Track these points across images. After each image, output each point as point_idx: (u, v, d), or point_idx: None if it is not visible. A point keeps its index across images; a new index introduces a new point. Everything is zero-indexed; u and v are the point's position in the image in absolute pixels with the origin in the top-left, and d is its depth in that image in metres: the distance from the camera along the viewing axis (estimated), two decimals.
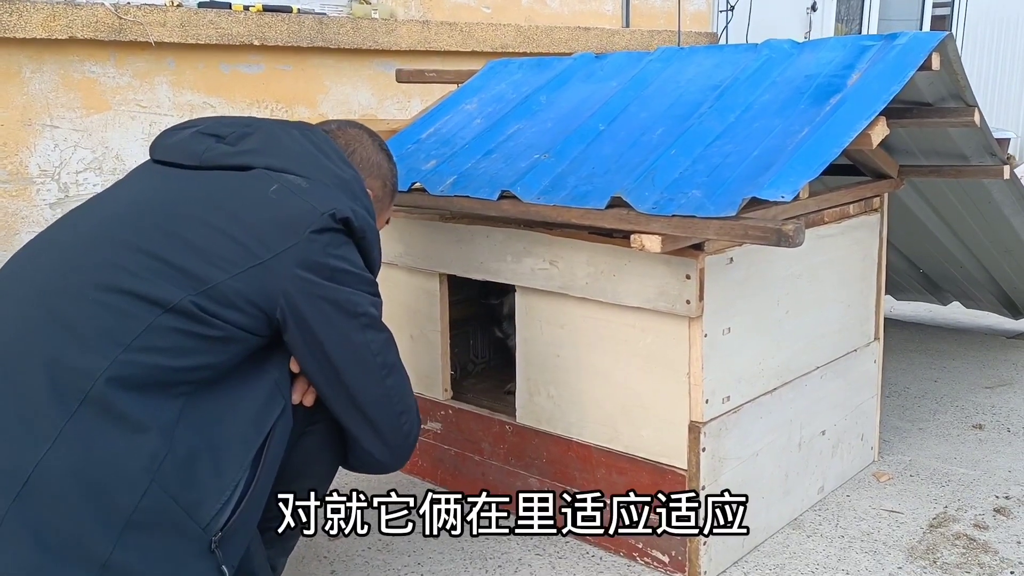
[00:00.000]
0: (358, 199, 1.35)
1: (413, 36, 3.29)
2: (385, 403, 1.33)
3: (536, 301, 1.82)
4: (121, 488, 1.08)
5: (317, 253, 1.23)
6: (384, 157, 1.55)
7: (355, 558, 1.77)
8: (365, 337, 1.29)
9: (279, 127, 1.37)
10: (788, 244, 1.31)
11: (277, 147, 1.33)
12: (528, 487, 1.89)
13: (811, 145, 1.51)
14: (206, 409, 1.17)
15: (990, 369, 2.91)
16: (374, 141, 1.55)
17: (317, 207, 1.25)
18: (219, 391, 1.20)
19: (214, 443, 1.17)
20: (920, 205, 2.61)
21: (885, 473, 2.13)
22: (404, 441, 1.38)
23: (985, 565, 1.73)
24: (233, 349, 1.20)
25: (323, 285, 1.24)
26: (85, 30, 2.57)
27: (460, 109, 2.20)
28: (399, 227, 2.02)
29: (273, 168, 1.29)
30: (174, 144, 1.35)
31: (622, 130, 1.82)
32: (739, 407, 1.70)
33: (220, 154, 1.31)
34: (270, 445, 1.24)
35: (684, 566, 1.67)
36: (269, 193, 1.26)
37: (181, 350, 1.14)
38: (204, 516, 1.14)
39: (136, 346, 1.11)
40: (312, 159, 1.34)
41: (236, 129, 1.34)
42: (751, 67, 1.84)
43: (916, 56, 1.63)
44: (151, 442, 1.10)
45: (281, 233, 1.22)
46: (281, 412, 1.26)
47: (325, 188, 1.30)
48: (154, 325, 1.13)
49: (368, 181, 1.48)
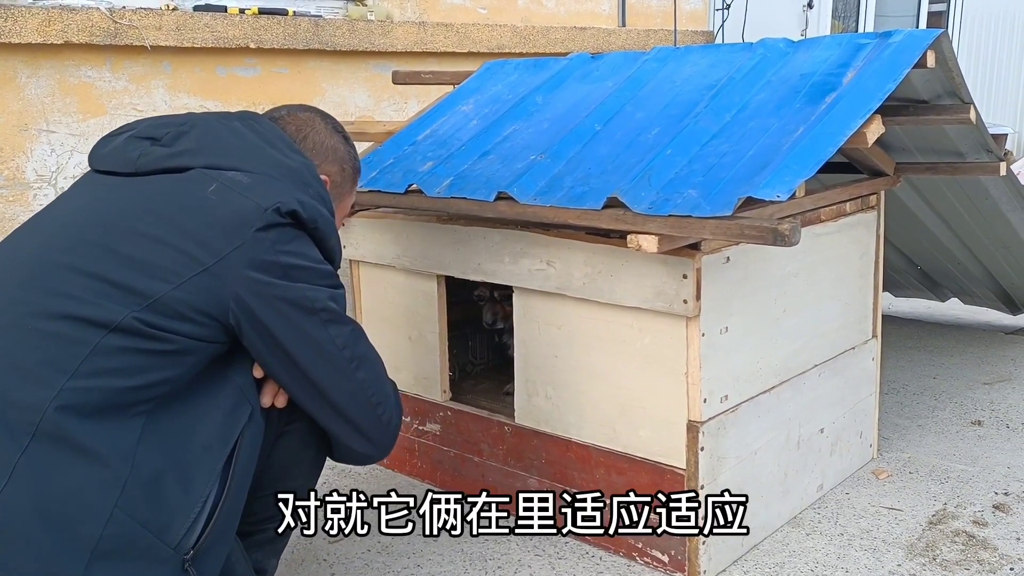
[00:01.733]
0: (309, 186, 1.29)
1: (409, 37, 3.29)
2: (359, 397, 1.29)
3: (534, 302, 1.82)
4: (84, 519, 1.05)
5: (266, 252, 1.18)
6: (339, 140, 1.48)
7: (354, 560, 1.77)
8: (328, 333, 1.24)
9: (218, 121, 1.31)
10: (784, 243, 1.31)
11: (215, 143, 1.27)
12: (527, 488, 1.89)
13: (807, 144, 1.51)
14: (168, 426, 1.14)
15: (988, 365, 2.92)
16: (327, 124, 1.48)
17: (260, 203, 1.20)
18: (180, 405, 1.16)
19: (178, 460, 1.14)
20: (917, 202, 2.61)
21: (884, 470, 2.13)
22: (384, 431, 1.34)
23: (984, 562, 1.73)
24: (189, 361, 1.17)
25: (276, 284, 1.19)
26: (80, 34, 2.57)
27: (456, 110, 2.20)
28: (396, 229, 2.02)
29: (212, 166, 1.24)
30: (110, 152, 1.29)
31: (618, 130, 1.82)
32: (737, 406, 1.71)
33: (156, 158, 1.25)
34: (239, 454, 1.21)
35: (684, 565, 1.68)
36: (208, 194, 1.20)
37: (133, 369, 1.11)
38: (174, 536, 1.11)
39: (84, 371, 1.08)
40: (254, 151, 1.28)
41: (171, 129, 1.28)
42: (746, 66, 1.85)
43: (911, 54, 1.63)
44: (111, 468, 1.07)
45: (224, 235, 1.17)
46: (249, 418, 1.23)
47: (269, 181, 1.24)
48: (100, 347, 1.09)
49: (323, 167, 1.43)
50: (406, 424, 2.11)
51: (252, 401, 1.25)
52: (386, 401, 1.33)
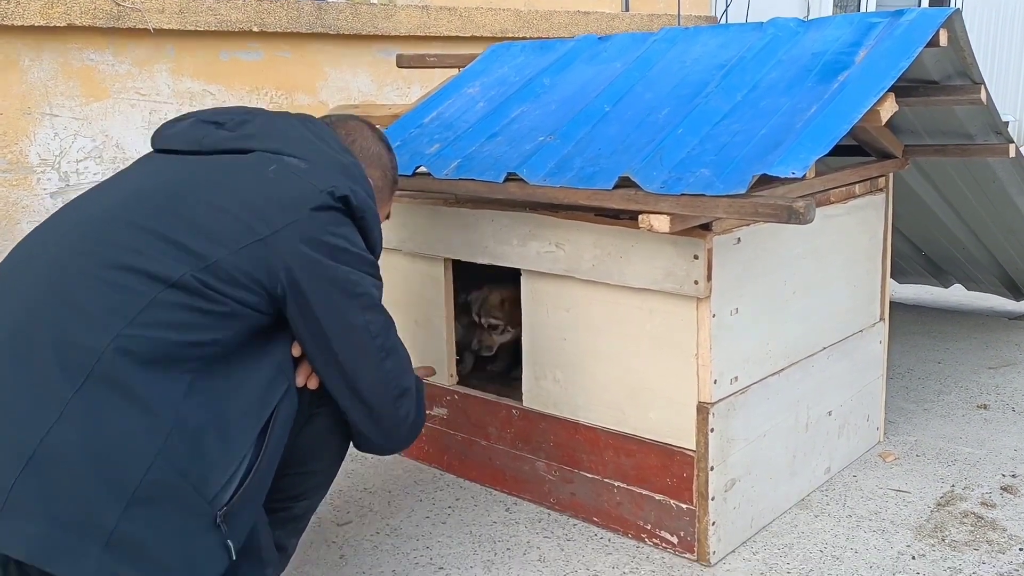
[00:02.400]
0: (358, 182, 1.36)
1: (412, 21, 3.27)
2: (382, 387, 1.33)
3: (542, 284, 1.81)
4: (127, 462, 1.09)
5: (317, 231, 1.24)
6: (383, 148, 1.56)
7: (363, 543, 1.77)
8: (365, 318, 1.29)
9: (278, 115, 1.39)
10: (799, 221, 1.31)
11: (276, 132, 1.34)
12: (536, 471, 1.89)
13: (820, 122, 1.50)
14: (213, 386, 1.18)
15: (993, 350, 2.92)
16: (373, 133, 1.56)
17: (316, 185, 1.27)
18: (224, 369, 1.21)
19: (221, 419, 1.18)
20: (924, 186, 2.60)
21: (891, 453, 2.13)
22: (401, 424, 1.37)
23: (994, 542, 1.73)
24: (236, 326, 1.21)
25: (323, 263, 1.25)
26: (83, 17, 2.55)
27: (462, 93, 2.19)
28: (403, 212, 2.01)
29: (272, 151, 1.31)
30: (174, 133, 1.37)
31: (628, 111, 1.81)
32: (747, 388, 1.70)
33: (219, 139, 1.32)
34: (274, 424, 1.25)
35: (693, 547, 1.68)
36: (268, 172, 1.27)
37: (185, 325, 1.16)
38: (210, 490, 1.15)
39: (140, 321, 1.13)
40: (311, 144, 1.35)
41: (235, 116, 1.36)
42: (757, 46, 1.83)
43: (924, 32, 1.62)
44: (158, 417, 1.11)
45: (281, 210, 1.23)
46: (285, 393, 1.27)
47: (324, 169, 1.31)
48: (157, 300, 1.14)
49: (368, 171, 1.48)
50: None
51: (289, 378, 1.29)
52: (407, 395, 1.36)
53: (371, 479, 2.05)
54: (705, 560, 1.67)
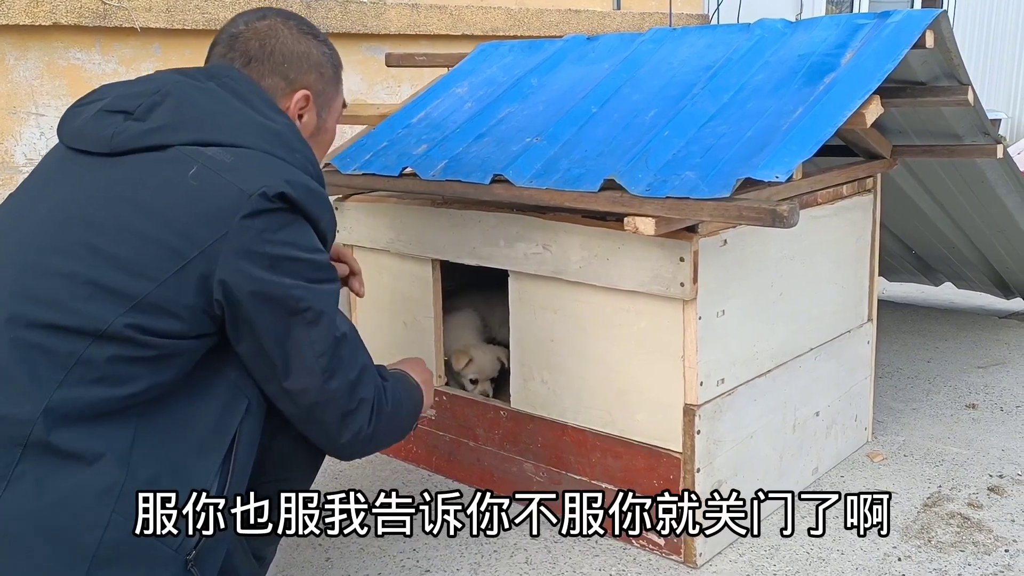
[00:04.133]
0: (295, 152, 1.22)
1: (402, 20, 3.26)
2: (326, 406, 1.22)
3: (529, 286, 1.81)
4: (81, 527, 1.04)
5: (252, 241, 1.12)
6: (310, 42, 1.35)
7: (350, 545, 1.76)
8: (309, 337, 1.18)
9: (191, 86, 1.22)
10: (783, 224, 1.30)
11: (192, 113, 1.19)
12: (524, 472, 1.89)
13: (805, 125, 1.50)
14: (162, 426, 1.12)
15: (982, 349, 2.92)
16: (291, 27, 1.34)
17: (245, 188, 1.12)
18: (174, 404, 1.14)
19: (175, 461, 1.12)
20: (913, 186, 2.60)
21: (879, 453, 2.13)
22: (352, 440, 1.27)
23: (980, 543, 1.73)
24: (178, 363, 1.13)
25: (262, 278, 1.13)
26: (69, 16, 2.53)
27: (451, 93, 2.18)
28: (390, 212, 2.00)
29: (192, 142, 1.16)
30: (80, 128, 1.21)
31: (615, 112, 1.80)
32: (733, 389, 1.70)
33: (131, 135, 1.17)
34: (238, 449, 1.18)
35: (680, 548, 1.68)
36: (189, 178, 1.13)
37: (119, 378, 1.08)
38: (175, 539, 1.10)
39: (70, 382, 1.06)
40: (236, 117, 1.20)
41: (144, 99, 1.19)
42: (744, 47, 1.83)
43: (910, 34, 1.62)
44: (106, 473, 1.06)
45: (208, 224, 1.11)
46: (246, 411, 1.20)
47: (253, 158, 1.17)
48: (84, 358, 1.07)
49: (300, 79, 1.33)
50: None
51: (248, 394, 1.21)
52: (359, 411, 1.25)
53: (358, 481, 2.04)
54: (692, 562, 1.67)
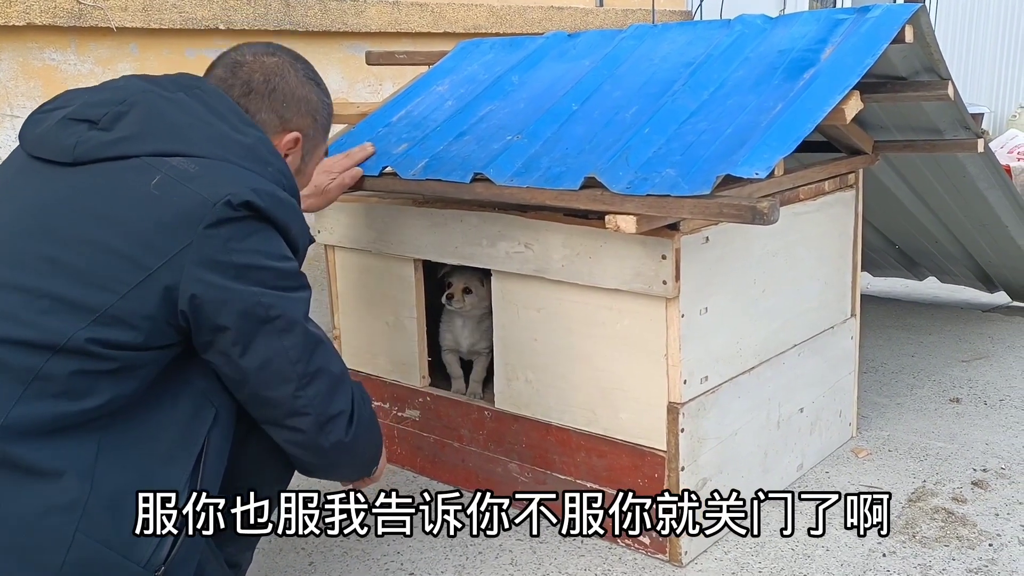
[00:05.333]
0: (267, 164, 1.20)
1: (383, 17, 3.23)
2: (303, 414, 1.20)
3: (512, 285, 1.80)
4: (44, 546, 1.02)
5: (217, 250, 1.10)
6: (311, 88, 1.37)
7: (333, 549, 1.75)
8: (282, 344, 1.16)
9: (161, 96, 1.19)
10: (763, 222, 1.30)
11: (158, 124, 1.16)
12: (508, 473, 1.87)
13: (785, 121, 1.49)
14: (127, 439, 1.09)
15: (966, 343, 2.93)
16: (297, 70, 1.35)
17: (208, 197, 1.10)
18: (140, 415, 1.11)
19: (141, 473, 1.09)
20: (895, 181, 2.60)
21: (864, 449, 2.14)
22: (330, 448, 1.24)
23: (964, 538, 1.73)
24: (141, 374, 1.11)
25: (228, 288, 1.11)
26: (43, 16, 2.50)
27: (431, 91, 2.16)
28: (372, 212, 1.99)
29: (156, 153, 1.13)
30: (42, 135, 1.18)
31: (595, 109, 1.79)
32: (717, 387, 1.69)
33: (94, 146, 1.14)
34: (206, 460, 1.15)
35: (665, 547, 1.67)
36: (151, 188, 1.10)
37: (80, 391, 1.05)
38: (142, 554, 1.07)
39: (29, 397, 1.04)
40: (203, 129, 1.17)
41: (109, 108, 1.16)
42: (724, 43, 1.82)
43: (889, 29, 1.61)
44: (68, 490, 1.03)
45: (171, 234, 1.08)
46: (214, 420, 1.17)
47: (218, 168, 1.14)
48: (43, 373, 1.04)
49: (295, 120, 1.33)
50: (384, 410, 2.09)
51: (216, 403, 1.18)
52: (338, 419, 1.24)
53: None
54: (677, 560, 1.66)
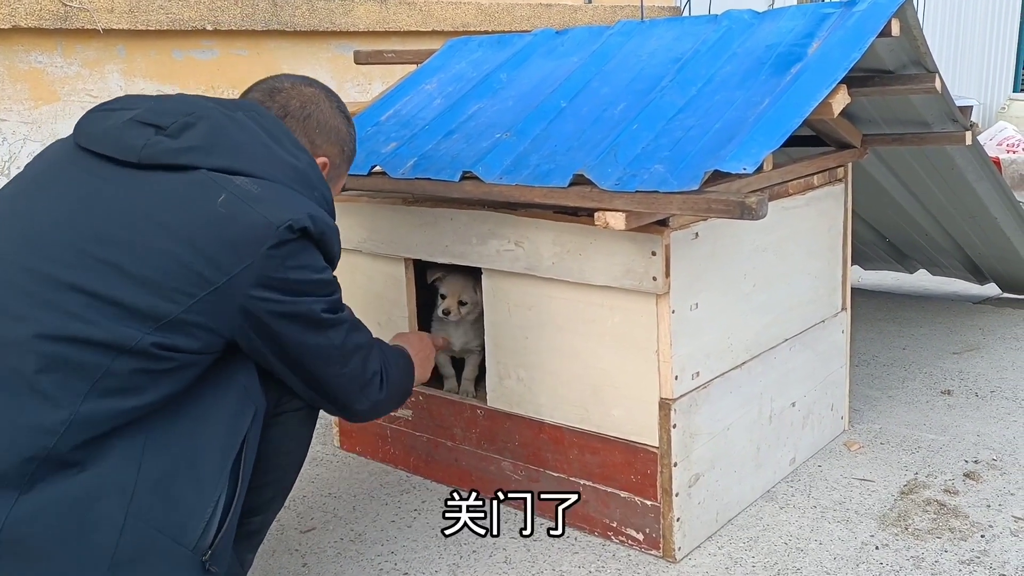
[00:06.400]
0: (315, 188, 1.30)
1: (371, 16, 3.22)
2: (347, 384, 1.35)
3: (503, 283, 1.79)
4: (97, 530, 1.06)
5: (275, 269, 1.19)
6: (342, 120, 1.47)
7: (327, 550, 1.74)
8: (327, 337, 1.29)
9: (224, 115, 1.26)
10: (751, 217, 1.30)
11: (224, 141, 1.22)
12: (502, 471, 1.87)
13: (772, 116, 1.50)
14: (174, 429, 1.16)
15: (957, 335, 2.94)
16: (331, 103, 1.46)
17: (272, 220, 1.18)
18: (187, 407, 1.18)
19: (189, 460, 1.15)
20: (884, 174, 2.61)
21: (856, 442, 2.14)
22: (371, 407, 1.41)
23: (956, 530, 1.74)
24: (191, 373, 1.18)
25: (283, 301, 1.21)
26: (29, 19, 2.49)
27: (420, 89, 2.16)
28: (362, 212, 1.98)
29: (221, 169, 1.20)
30: (106, 132, 1.21)
31: (584, 106, 1.79)
32: (709, 382, 1.70)
33: (161, 151, 1.18)
34: (245, 454, 1.23)
35: (658, 543, 1.67)
36: (218, 205, 1.16)
37: (138, 389, 1.12)
38: (191, 537, 1.13)
39: (95, 394, 1.09)
40: (262, 150, 1.25)
41: (177, 118, 1.22)
42: (711, 39, 1.82)
43: (876, 22, 1.61)
44: (119, 477, 1.08)
45: (235, 253, 1.16)
46: (252, 418, 1.25)
47: (279, 192, 1.22)
48: (111, 370, 1.10)
49: (325, 148, 1.42)
50: None
51: (256, 401, 1.28)
52: (372, 382, 1.39)
53: (336, 484, 2.02)
54: (671, 556, 1.66)
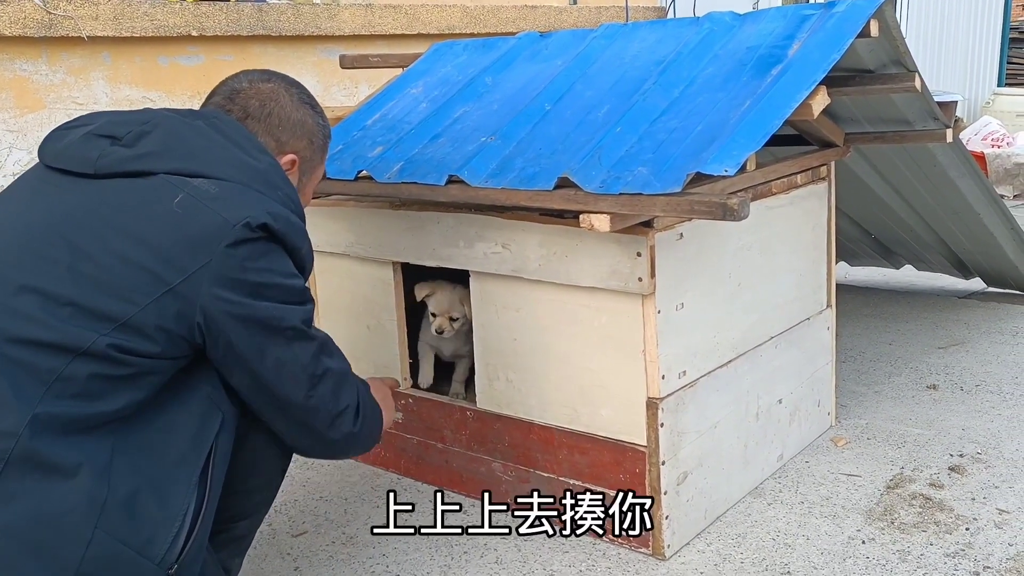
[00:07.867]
0: (277, 189, 1.26)
1: (356, 20, 3.23)
2: (315, 411, 1.28)
3: (491, 285, 1.81)
4: (64, 542, 1.06)
5: (235, 269, 1.16)
6: (307, 112, 1.41)
7: (319, 553, 1.75)
8: (292, 351, 1.23)
9: (180, 121, 1.25)
10: (733, 217, 1.31)
11: (179, 145, 1.21)
12: (492, 472, 1.88)
13: (753, 117, 1.51)
14: (139, 440, 1.14)
15: (943, 330, 2.97)
16: (292, 95, 1.40)
17: (229, 218, 1.16)
18: (151, 418, 1.16)
19: (154, 474, 1.14)
20: (868, 172, 2.63)
21: (842, 438, 2.16)
22: (341, 440, 1.32)
23: (941, 523, 1.76)
24: (154, 380, 1.16)
25: (243, 304, 1.17)
26: (13, 27, 2.48)
27: (406, 93, 2.17)
28: (349, 216, 1.99)
29: (177, 172, 1.19)
30: (65, 148, 1.23)
31: (568, 109, 1.80)
32: (696, 381, 1.71)
33: (116, 159, 1.19)
34: (214, 463, 1.21)
35: (648, 541, 1.68)
36: (174, 206, 1.16)
37: (97, 394, 1.10)
38: (157, 552, 1.12)
39: (51, 396, 1.08)
40: (221, 153, 1.23)
41: (133, 127, 1.22)
42: (693, 41, 1.84)
43: (855, 23, 1.63)
44: (87, 487, 1.07)
45: (191, 252, 1.14)
46: (220, 425, 1.22)
47: (238, 191, 1.20)
48: (65, 374, 1.08)
49: (291, 143, 1.38)
50: None
51: (223, 408, 1.24)
52: (344, 413, 1.31)
53: (327, 487, 2.03)
54: (660, 554, 1.68)
